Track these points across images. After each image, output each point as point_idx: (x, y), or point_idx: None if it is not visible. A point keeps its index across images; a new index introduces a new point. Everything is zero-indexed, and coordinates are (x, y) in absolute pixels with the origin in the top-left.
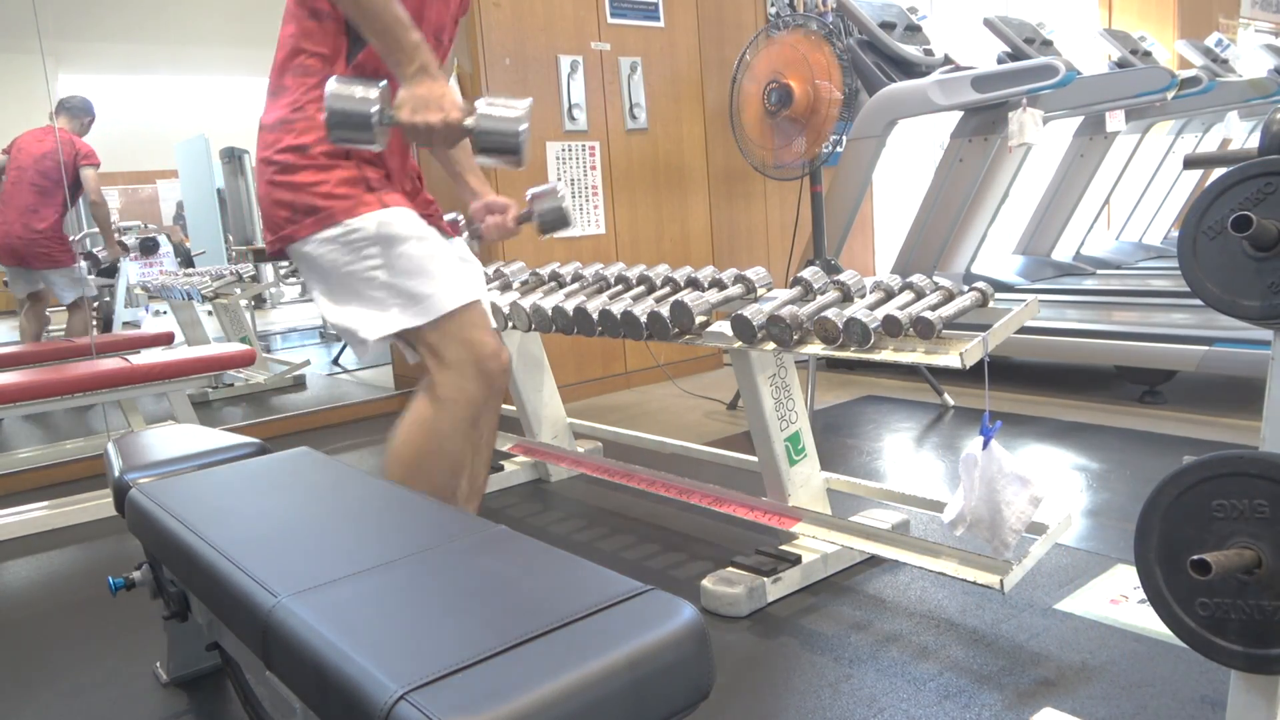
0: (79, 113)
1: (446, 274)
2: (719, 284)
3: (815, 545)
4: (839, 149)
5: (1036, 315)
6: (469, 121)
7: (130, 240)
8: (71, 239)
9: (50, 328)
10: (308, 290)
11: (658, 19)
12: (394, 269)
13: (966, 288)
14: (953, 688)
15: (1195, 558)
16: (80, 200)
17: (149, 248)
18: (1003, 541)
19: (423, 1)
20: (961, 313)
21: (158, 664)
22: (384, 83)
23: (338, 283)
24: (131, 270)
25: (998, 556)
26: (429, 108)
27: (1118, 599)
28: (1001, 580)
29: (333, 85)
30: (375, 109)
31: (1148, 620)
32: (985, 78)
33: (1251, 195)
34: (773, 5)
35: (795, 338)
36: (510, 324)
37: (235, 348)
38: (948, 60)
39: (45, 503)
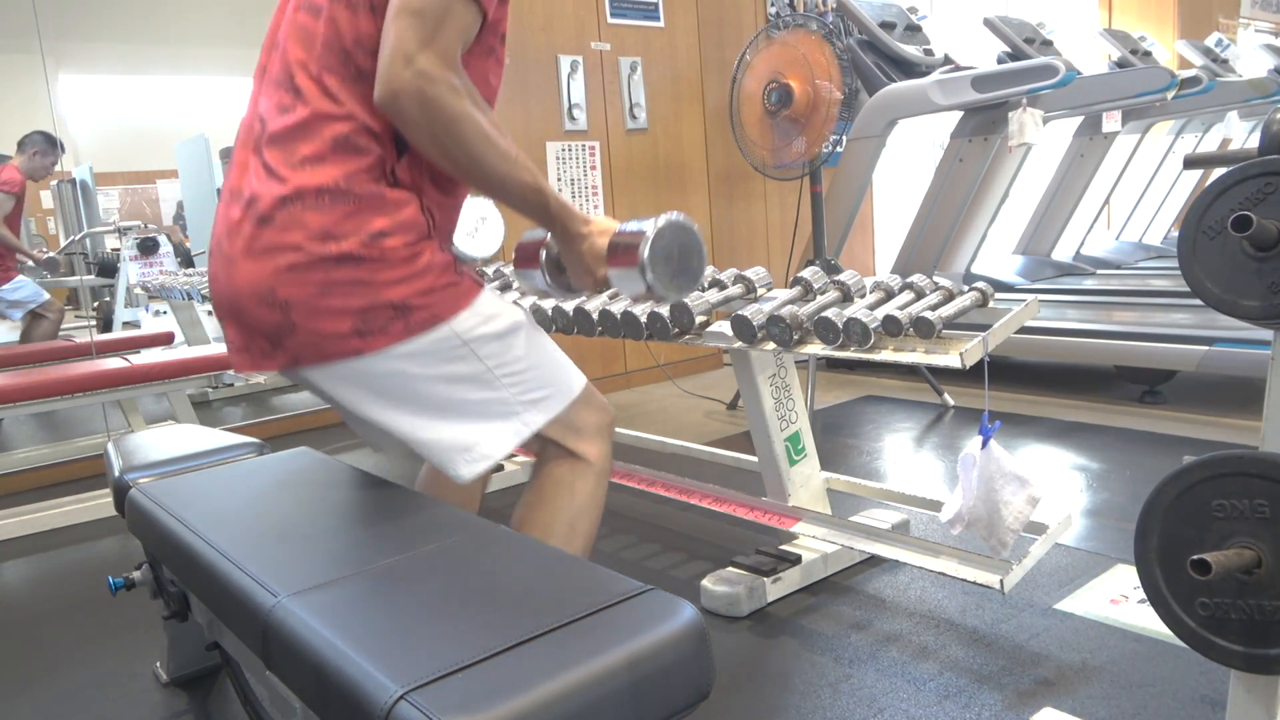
0: (26, 146)
1: (553, 345)
2: (719, 284)
3: (815, 545)
4: (839, 149)
5: (1036, 315)
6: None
7: (129, 241)
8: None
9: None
10: (369, 411)
11: (658, 19)
12: (517, 363)
13: (966, 288)
14: (953, 688)
15: (1195, 558)
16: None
17: (149, 248)
18: (1000, 541)
19: None
20: (961, 313)
21: (158, 664)
22: (543, 245)
23: (438, 396)
24: (131, 270)
25: (995, 556)
26: (588, 271)
27: (1118, 599)
28: (1001, 580)
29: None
30: (546, 285)
31: (1148, 620)
32: (985, 78)
33: (1251, 195)
34: (773, 5)
35: (795, 338)
36: None
37: None
38: (948, 60)
39: (45, 503)
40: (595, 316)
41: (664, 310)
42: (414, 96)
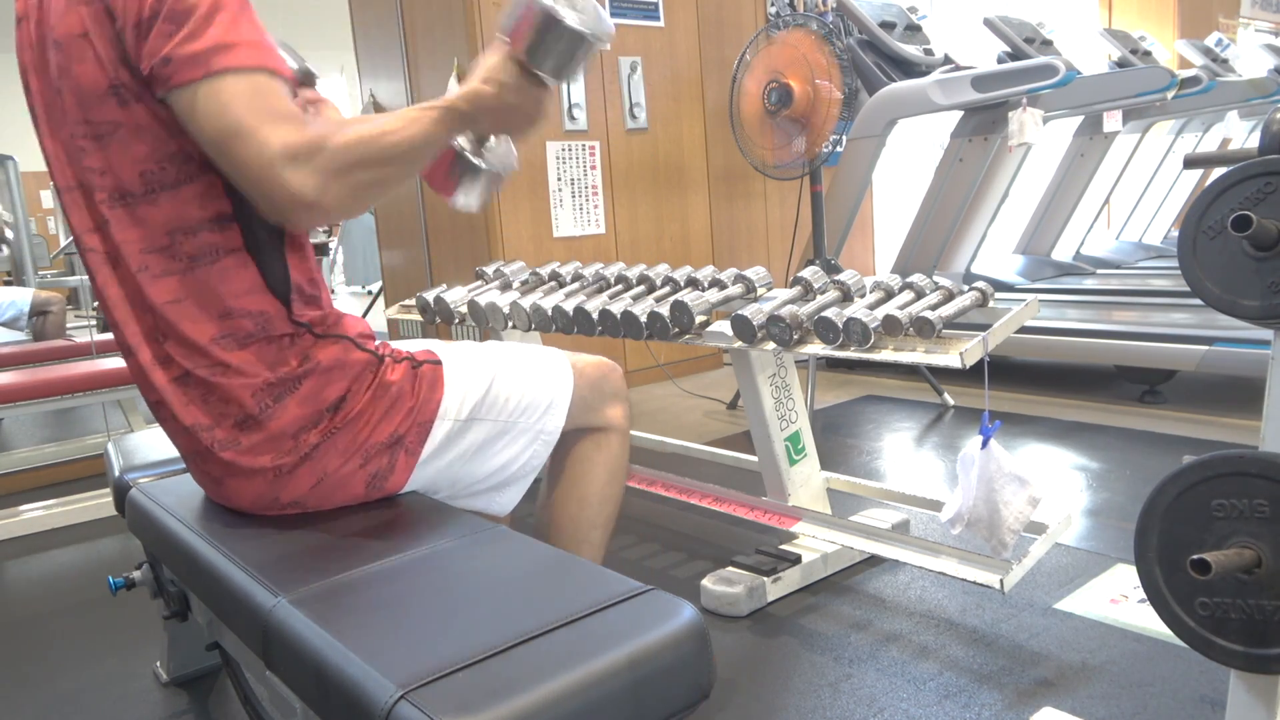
0: None
1: (526, 351)
2: (719, 284)
3: (815, 545)
4: (839, 149)
5: (1036, 315)
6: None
7: None
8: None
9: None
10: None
11: (658, 19)
12: (514, 396)
13: (966, 287)
14: (953, 687)
15: (1195, 557)
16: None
17: None
18: (1000, 541)
19: None
20: (961, 312)
21: (158, 664)
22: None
23: (468, 468)
24: None
25: (996, 556)
26: (516, 117)
27: (1118, 599)
28: (1001, 580)
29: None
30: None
31: (1148, 620)
32: (985, 77)
33: (1251, 195)
34: (773, 5)
35: (795, 337)
36: (510, 324)
37: None
38: (948, 60)
39: (45, 503)
40: (595, 316)
41: (663, 310)
42: (319, 190)
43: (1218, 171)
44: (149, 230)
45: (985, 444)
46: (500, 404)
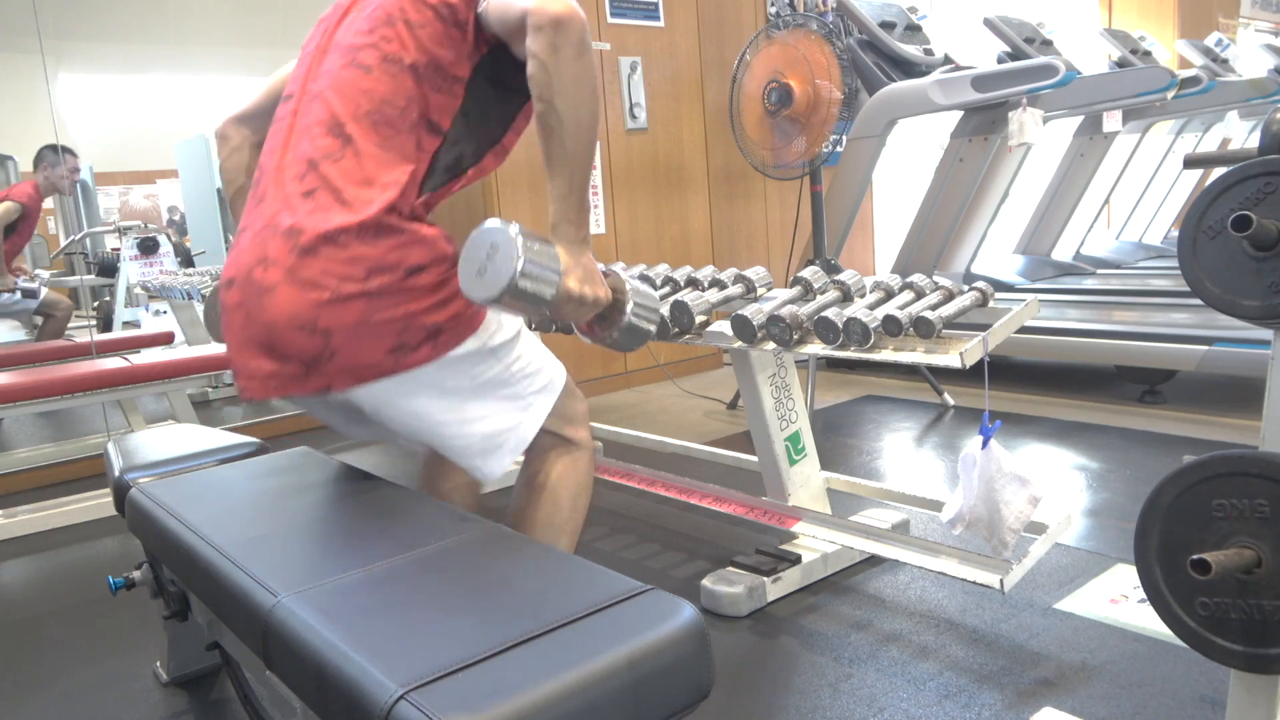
0: (37, 163)
1: (539, 340)
2: (719, 284)
3: (815, 545)
4: (839, 149)
5: (1036, 315)
6: (627, 309)
7: (129, 240)
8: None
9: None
10: (399, 418)
11: (658, 19)
12: (523, 358)
13: (966, 287)
14: (953, 687)
15: (1195, 557)
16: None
17: (149, 248)
18: (1001, 541)
19: None
20: (961, 312)
21: (158, 664)
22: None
23: (466, 400)
24: (131, 270)
25: (996, 556)
26: (594, 281)
27: (1118, 599)
28: (1001, 580)
29: (519, 241)
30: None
31: (1148, 620)
32: (985, 77)
33: (1251, 195)
34: (773, 5)
35: (795, 337)
36: None
37: None
38: (948, 60)
39: (45, 503)
40: None
41: (664, 309)
42: (578, 23)
43: (1218, 171)
44: (409, 92)
45: (985, 444)
46: (515, 355)
